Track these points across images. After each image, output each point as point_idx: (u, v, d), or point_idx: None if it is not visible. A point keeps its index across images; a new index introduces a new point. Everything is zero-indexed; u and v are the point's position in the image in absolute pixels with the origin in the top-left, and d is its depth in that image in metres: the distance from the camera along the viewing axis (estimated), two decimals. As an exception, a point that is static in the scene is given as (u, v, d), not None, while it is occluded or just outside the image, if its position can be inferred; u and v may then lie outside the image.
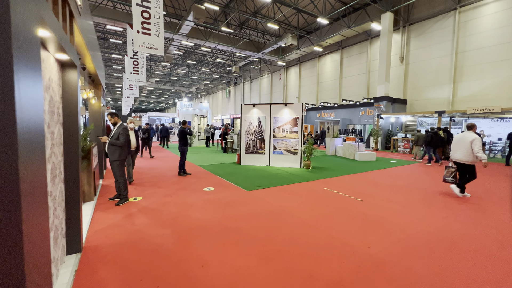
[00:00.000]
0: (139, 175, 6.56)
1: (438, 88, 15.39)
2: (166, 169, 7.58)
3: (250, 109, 8.41)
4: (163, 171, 7.21)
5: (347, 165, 8.74)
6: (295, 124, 7.95)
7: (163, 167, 7.95)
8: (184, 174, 6.55)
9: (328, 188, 5.47)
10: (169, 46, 22.64)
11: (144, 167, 7.82)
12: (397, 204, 4.31)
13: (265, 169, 7.75)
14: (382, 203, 4.36)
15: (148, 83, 40.78)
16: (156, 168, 7.71)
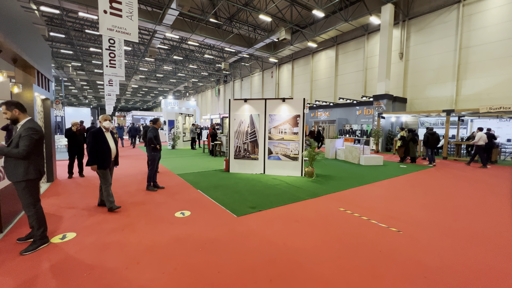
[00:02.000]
0: (89, 189, 4.99)
1: (441, 86, 14.51)
2: (133, 179, 6.02)
3: (240, 105, 6.97)
4: (126, 182, 5.66)
5: (354, 172, 7.47)
6: (295, 123, 6.58)
7: (128, 176, 6.38)
8: (154, 189, 5.03)
9: (345, 208, 4.11)
10: (153, 39, 20.81)
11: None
12: (461, 241, 2.97)
13: (259, 178, 6.34)
14: (435, 238, 3.03)
15: (133, 81, 38.50)
16: (119, 177, 6.14)
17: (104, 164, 3.66)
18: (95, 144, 3.56)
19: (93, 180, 5.92)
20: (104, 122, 3.75)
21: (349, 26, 18.16)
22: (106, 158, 3.66)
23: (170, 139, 13.85)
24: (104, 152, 3.64)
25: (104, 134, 3.69)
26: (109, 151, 3.71)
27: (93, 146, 3.55)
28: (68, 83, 40.17)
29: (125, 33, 10.48)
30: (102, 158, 3.62)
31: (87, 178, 6.20)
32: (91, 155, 3.55)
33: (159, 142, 5.01)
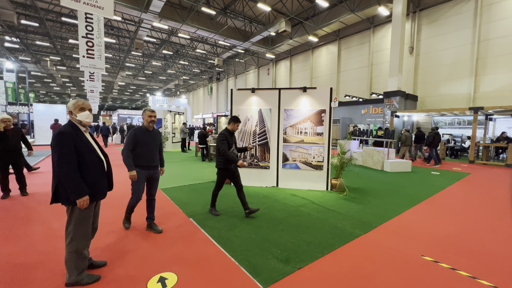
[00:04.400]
0: (38, 215, 3.25)
1: (456, 83, 13.32)
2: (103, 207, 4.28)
3: (246, 97, 5.33)
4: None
5: (388, 183, 5.98)
6: (319, 121, 5.01)
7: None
8: (127, 224, 3.25)
9: (431, 256, 2.55)
10: (139, 29, 18.83)
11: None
12: None
13: (273, 194, 4.73)
14: None
15: (119, 77, 36.07)
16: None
17: (95, 192, 1.98)
18: (68, 156, 1.83)
19: (44, 200, 4.13)
20: (80, 113, 1.99)
21: (354, 18, 16.84)
22: (95, 180, 1.98)
23: (157, 141, 12.02)
24: (89, 169, 1.94)
25: (83, 135, 1.98)
26: (99, 165, 2.03)
27: (64, 159, 1.81)
28: (49, 79, 37.30)
29: (97, 7, 8.56)
30: (89, 181, 1.94)
31: (35, 196, 4.40)
32: (65, 179, 1.81)
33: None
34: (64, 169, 1.79)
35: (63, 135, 1.83)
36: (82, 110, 1.99)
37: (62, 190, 1.85)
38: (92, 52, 10.41)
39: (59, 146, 1.80)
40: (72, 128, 1.90)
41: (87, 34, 10.21)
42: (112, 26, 20.74)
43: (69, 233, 1.91)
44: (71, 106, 1.98)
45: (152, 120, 2.91)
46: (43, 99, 52.76)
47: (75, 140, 1.87)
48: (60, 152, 1.80)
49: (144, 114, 2.92)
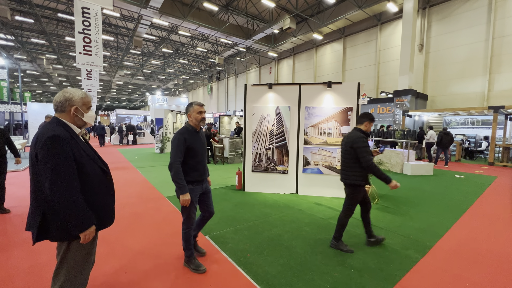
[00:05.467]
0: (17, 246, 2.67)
1: (468, 81, 12.85)
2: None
3: (262, 93, 4.77)
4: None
5: (416, 188, 5.45)
6: (344, 120, 4.46)
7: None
8: (194, 265, 2.28)
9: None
10: (138, 26, 18.20)
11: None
12: None
13: (294, 203, 4.18)
14: None
15: (117, 76, 35.38)
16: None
17: (102, 217, 1.44)
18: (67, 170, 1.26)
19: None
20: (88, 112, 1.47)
21: (360, 15, 16.34)
22: (101, 200, 1.45)
23: (158, 141, 11.45)
24: (92, 186, 1.40)
25: (79, 139, 1.43)
26: (104, 179, 1.48)
27: (62, 175, 1.24)
28: (45, 78, 36.50)
29: (95, -4, 7.91)
30: (94, 202, 1.38)
31: (16, 214, 3.80)
32: (64, 205, 1.24)
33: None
34: (62, 190, 1.21)
35: (60, 141, 1.25)
36: (89, 109, 1.45)
37: (53, 221, 1.27)
38: (90, 49, 9.82)
39: (53, 157, 1.22)
40: (67, 131, 1.33)
41: (84, 30, 9.61)
42: (110, 23, 20.09)
43: (59, 280, 1.33)
44: (79, 100, 1.39)
45: (203, 118, 2.22)
46: (39, 98, 51.85)
47: (72, 148, 1.30)
48: (55, 165, 1.22)
49: (192, 110, 2.19)
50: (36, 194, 1.27)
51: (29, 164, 1.30)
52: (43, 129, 1.28)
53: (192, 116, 2.19)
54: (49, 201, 1.24)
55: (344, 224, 2.65)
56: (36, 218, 1.26)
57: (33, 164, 1.27)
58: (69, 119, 1.38)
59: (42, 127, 1.32)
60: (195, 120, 2.19)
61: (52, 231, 1.26)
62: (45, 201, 1.25)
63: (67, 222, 1.24)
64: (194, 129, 2.21)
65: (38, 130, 1.32)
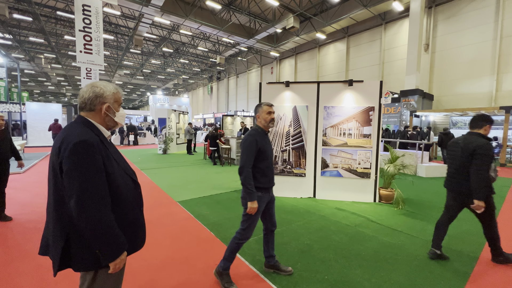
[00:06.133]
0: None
1: (475, 81, 12.70)
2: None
3: (278, 91, 4.53)
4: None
5: (436, 192, 5.24)
6: (366, 120, 4.24)
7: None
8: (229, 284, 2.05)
9: None
10: (139, 25, 17.91)
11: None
12: None
13: (314, 209, 3.95)
14: None
15: (117, 76, 35.01)
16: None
17: (134, 240, 1.17)
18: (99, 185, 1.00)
19: (36, 228, 3.28)
20: (120, 110, 1.22)
21: (365, 14, 16.17)
22: (133, 219, 1.18)
23: (161, 142, 11.18)
24: (125, 202, 1.14)
25: (110, 145, 1.18)
26: (136, 193, 1.24)
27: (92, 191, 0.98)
28: (43, 78, 36.03)
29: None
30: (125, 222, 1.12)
31: (19, 222, 3.54)
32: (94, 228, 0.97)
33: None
34: (91, 210, 0.96)
35: (90, 148, 1.00)
36: (120, 106, 1.22)
37: (79, 248, 1.02)
38: (90, 47, 9.57)
39: (82, 169, 0.97)
40: (96, 135, 1.09)
41: (84, 28, 9.36)
42: (110, 22, 19.79)
43: None
44: (110, 97, 1.15)
45: (273, 119, 2.05)
46: (37, 98, 51.26)
47: (103, 156, 1.06)
48: (84, 179, 0.97)
49: (261, 110, 2.05)
50: (57, 213, 1.02)
51: (50, 175, 1.05)
52: (68, 132, 1.03)
53: (261, 117, 2.05)
54: (74, 223, 0.99)
55: (496, 237, 2.37)
56: (58, 243, 1.01)
57: (54, 176, 1.02)
58: (99, 119, 1.14)
59: (66, 129, 1.07)
60: (264, 121, 2.05)
61: (76, 259, 1.01)
62: (70, 222, 1.00)
63: (96, 248, 0.99)
64: (264, 131, 2.08)
65: (61, 133, 1.06)
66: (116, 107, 1.18)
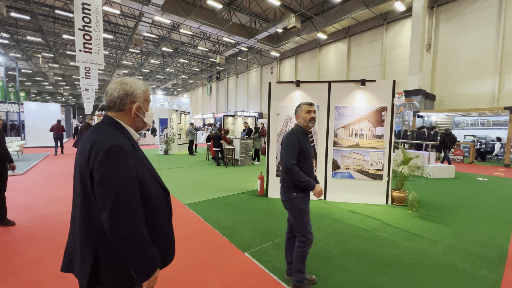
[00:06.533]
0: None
1: (477, 81, 12.68)
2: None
3: (288, 91, 4.42)
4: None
5: (447, 193, 5.16)
6: (378, 120, 4.14)
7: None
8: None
9: None
10: (139, 24, 17.73)
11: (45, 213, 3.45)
12: None
13: (327, 212, 3.85)
14: None
15: (115, 76, 34.71)
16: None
17: (165, 253, 1.06)
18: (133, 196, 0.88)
19: (43, 236, 3.14)
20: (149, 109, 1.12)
21: (366, 14, 16.13)
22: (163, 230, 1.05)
23: (162, 143, 11.03)
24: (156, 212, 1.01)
25: (139, 149, 1.05)
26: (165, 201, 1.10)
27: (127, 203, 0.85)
28: (40, 77, 35.67)
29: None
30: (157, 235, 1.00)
31: (23, 225, 3.39)
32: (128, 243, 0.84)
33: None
34: (126, 224, 0.84)
35: (125, 154, 0.89)
36: (148, 105, 1.10)
37: (109, 265, 0.90)
38: (90, 46, 9.41)
39: (116, 178, 0.85)
40: (127, 139, 0.97)
41: (84, 27, 9.21)
42: (110, 21, 19.60)
43: None
44: (141, 95, 1.03)
45: (312, 117, 1.97)
46: (34, 98, 50.75)
47: (135, 162, 0.94)
48: (119, 189, 0.85)
49: (300, 110, 2.00)
50: (86, 228, 0.90)
51: (76, 185, 0.93)
52: (98, 135, 0.92)
53: (301, 116, 2.01)
54: (105, 238, 0.87)
55: None
56: (86, 260, 0.88)
57: (83, 185, 0.90)
58: (128, 120, 1.02)
59: (95, 132, 0.95)
60: (304, 121, 1.99)
61: (106, 278, 0.89)
62: (100, 237, 0.88)
63: (129, 267, 0.87)
64: (304, 130, 2.02)
65: (89, 136, 0.94)
66: (146, 107, 1.07)
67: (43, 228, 3.03)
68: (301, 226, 1.89)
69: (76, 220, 0.94)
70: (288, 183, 1.92)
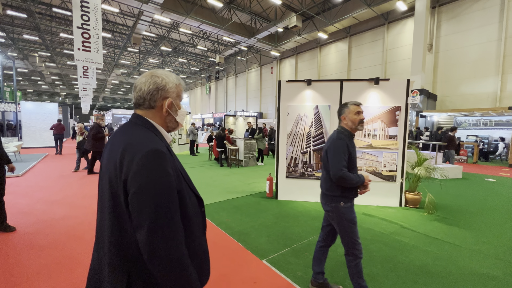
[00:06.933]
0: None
1: (480, 81, 12.66)
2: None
3: (299, 90, 4.29)
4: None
5: (458, 194, 5.08)
6: (392, 120, 4.02)
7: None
8: None
9: None
10: (138, 23, 17.49)
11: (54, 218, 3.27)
12: None
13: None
14: None
15: (113, 75, 34.39)
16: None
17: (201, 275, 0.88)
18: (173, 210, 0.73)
19: (51, 243, 2.97)
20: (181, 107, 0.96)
21: (368, 14, 16.06)
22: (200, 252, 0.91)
23: (163, 143, 10.83)
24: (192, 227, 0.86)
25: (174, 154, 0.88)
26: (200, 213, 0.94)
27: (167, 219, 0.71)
28: (37, 77, 35.20)
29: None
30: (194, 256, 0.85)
31: (24, 230, 3.22)
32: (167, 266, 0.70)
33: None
34: (168, 245, 0.70)
35: (164, 161, 0.75)
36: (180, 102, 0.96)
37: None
38: (89, 45, 9.23)
39: (157, 190, 0.71)
40: (163, 143, 0.83)
41: (82, 25, 9.03)
42: (108, 20, 19.35)
43: None
44: (173, 90, 0.89)
45: (362, 119, 1.80)
46: (30, 98, 50.12)
47: (172, 170, 0.79)
48: (159, 203, 0.71)
49: (347, 111, 1.80)
50: (116, 247, 0.76)
51: (105, 196, 0.79)
52: (130, 137, 0.78)
53: (348, 118, 1.80)
54: (141, 261, 0.73)
55: None
56: (119, 283, 0.75)
57: (113, 198, 0.75)
58: (159, 119, 0.88)
59: (126, 133, 0.81)
60: (352, 123, 1.79)
61: None
62: (134, 260, 0.74)
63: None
64: (351, 134, 1.83)
65: (119, 137, 0.81)
66: (178, 104, 0.92)
67: (47, 234, 2.86)
68: (349, 238, 1.76)
69: (103, 238, 0.79)
70: (335, 191, 1.75)
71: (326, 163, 1.80)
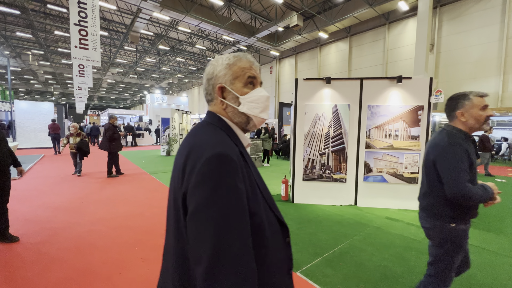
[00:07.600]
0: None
1: (481, 82, 12.70)
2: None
3: (316, 89, 4.11)
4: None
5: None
6: (414, 120, 3.87)
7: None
8: None
9: None
10: (136, 20, 17.12)
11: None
12: None
13: (363, 219, 3.56)
14: None
15: (109, 74, 33.77)
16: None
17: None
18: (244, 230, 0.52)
19: (59, 258, 2.71)
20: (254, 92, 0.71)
21: (369, 13, 16.00)
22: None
23: (164, 143, 10.57)
24: (270, 265, 0.63)
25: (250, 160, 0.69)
26: (283, 244, 0.70)
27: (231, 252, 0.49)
28: (29, 76, 34.36)
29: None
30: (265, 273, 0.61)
31: (28, 240, 2.96)
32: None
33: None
34: (230, 285, 0.48)
35: (234, 169, 0.55)
36: (252, 85, 0.72)
37: None
38: (86, 42, 8.95)
39: (222, 211, 0.51)
40: (235, 144, 0.64)
41: (80, 22, 8.74)
42: (104, 17, 18.92)
43: None
44: (222, 72, 0.71)
45: (488, 116, 1.39)
46: (22, 97, 48.99)
47: (245, 183, 0.58)
48: (224, 230, 0.50)
49: (469, 105, 1.34)
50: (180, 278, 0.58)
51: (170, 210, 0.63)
52: (195, 139, 0.63)
53: (469, 114, 1.33)
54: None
55: None
56: None
57: (176, 213, 0.60)
58: (225, 114, 0.72)
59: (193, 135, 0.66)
60: (476, 121, 1.33)
61: None
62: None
63: None
64: (468, 135, 1.37)
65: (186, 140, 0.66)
66: (240, 87, 0.70)
67: (53, 245, 2.61)
68: (446, 265, 1.38)
69: (168, 263, 0.61)
70: (444, 209, 1.35)
71: (432, 175, 1.38)
